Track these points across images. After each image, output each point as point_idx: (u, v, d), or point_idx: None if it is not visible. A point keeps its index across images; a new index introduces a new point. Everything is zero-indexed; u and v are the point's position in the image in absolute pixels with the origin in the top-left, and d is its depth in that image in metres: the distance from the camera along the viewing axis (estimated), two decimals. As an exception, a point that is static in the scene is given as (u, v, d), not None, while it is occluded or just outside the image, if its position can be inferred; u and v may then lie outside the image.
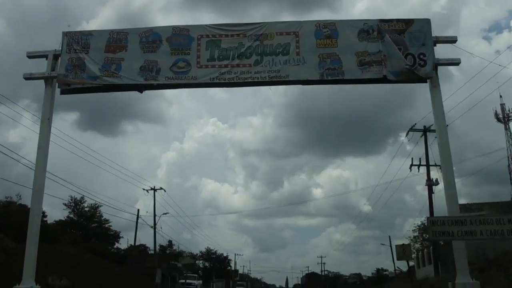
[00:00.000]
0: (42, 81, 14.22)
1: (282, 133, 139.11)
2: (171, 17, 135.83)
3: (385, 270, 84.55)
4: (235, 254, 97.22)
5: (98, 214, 45.79)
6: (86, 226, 44.14)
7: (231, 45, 13.82)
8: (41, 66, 14.25)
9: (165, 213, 46.15)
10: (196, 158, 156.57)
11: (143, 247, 49.67)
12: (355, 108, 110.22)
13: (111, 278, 25.50)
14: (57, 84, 14.11)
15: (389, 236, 68.49)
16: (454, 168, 13.34)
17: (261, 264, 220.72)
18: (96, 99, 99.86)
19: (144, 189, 45.61)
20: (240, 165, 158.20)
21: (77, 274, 22.75)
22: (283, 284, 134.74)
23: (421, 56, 13.37)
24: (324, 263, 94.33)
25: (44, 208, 41.34)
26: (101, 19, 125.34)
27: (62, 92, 14.33)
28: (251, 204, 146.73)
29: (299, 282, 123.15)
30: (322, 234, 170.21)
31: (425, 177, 30.12)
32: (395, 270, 66.53)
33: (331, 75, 13.56)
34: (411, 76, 13.51)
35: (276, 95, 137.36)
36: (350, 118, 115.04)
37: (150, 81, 13.81)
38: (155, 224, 45.64)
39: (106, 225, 46.21)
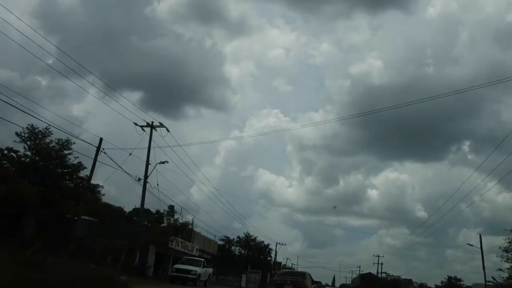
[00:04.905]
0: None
1: (342, 131, 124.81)
2: (242, 6, 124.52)
3: (459, 280, 64.08)
4: (276, 243, 79.17)
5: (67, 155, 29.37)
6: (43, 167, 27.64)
7: None
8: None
9: (163, 162, 28.94)
10: (254, 148, 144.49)
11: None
12: (420, 112, 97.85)
13: None
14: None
15: (480, 235, 48.00)
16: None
17: (309, 259, 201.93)
18: (162, 81, 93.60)
19: (136, 124, 28.70)
20: (297, 159, 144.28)
21: None
22: (329, 282, 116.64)
23: None
24: (381, 264, 74.57)
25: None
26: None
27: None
28: (304, 199, 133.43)
29: (346, 282, 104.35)
30: (373, 236, 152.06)
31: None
32: (486, 280, 46.41)
33: None
34: None
35: (340, 93, 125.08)
36: (414, 122, 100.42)
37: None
38: (146, 176, 28.51)
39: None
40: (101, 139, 24.75)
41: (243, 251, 74.60)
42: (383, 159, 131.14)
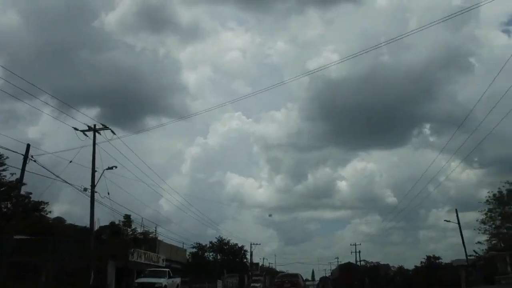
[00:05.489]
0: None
1: (306, 127, 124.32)
2: (192, 11, 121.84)
3: (438, 258, 63.08)
4: (251, 244, 76.61)
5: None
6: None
7: None
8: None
9: (111, 167, 25.86)
10: (220, 153, 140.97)
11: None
12: (379, 99, 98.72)
13: None
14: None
15: (456, 210, 47.02)
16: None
17: (287, 257, 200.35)
18: (118, 95, 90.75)
19: (76, 129, 25.40)
20: (264, 159, 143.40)
21: None
22: (309, 277, 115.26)
23: None
24: (359, 252, 73.13)
25: None
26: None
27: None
28: (276, 198, 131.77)
29: (326, 275, 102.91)
30: (347, 227, 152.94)
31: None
32: (466, 255, 45.33)
33: None
34: None
35: (300, 89, 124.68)
36: (374, 110, 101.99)
37: None
38: (93, 184, 25.32)
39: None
40: (28, 146, 21.40)
41: (217, 256, 71.78)
42: (349, 150, 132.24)
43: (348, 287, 48.63)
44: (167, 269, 28.01)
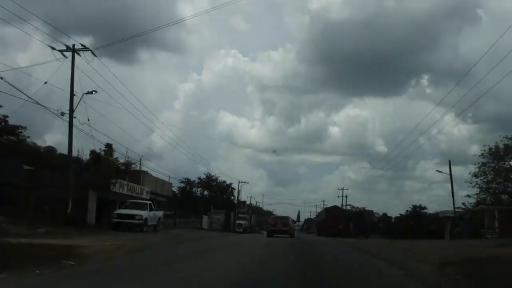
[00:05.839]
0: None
1: (302, 69, 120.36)
2: None
3: (423, 208, 63.37)
4: (239, 182, 76.63)
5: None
6: None
7: None
8: None
9: (91, 92, 24.11)
10: (213, 91, 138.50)
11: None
12: (379, 47, 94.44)
13: None
14: None
15: (449, 161, 46.13)
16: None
17: (274, 197, 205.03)
18: (112, 23, 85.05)
19: (53, 48, 23.32)
20: (258, 100, 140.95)
21: None
22: (295, 218, 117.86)
23: None
24: (346, 196, 73.35)
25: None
26: None
27: None
28: (267, 139, 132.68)
29: (311, 217, 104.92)
30: (336, 172, 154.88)
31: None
32: (454, 206, 45.17)
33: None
34: None
35: (299, 30, 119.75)
36: (373, 57, 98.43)
37: None
38: (71, 109, 23.67)
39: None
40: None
41: (204, 192, 71.98)
42: (343, 95, 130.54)
43: (332, 230, 48.77)
44: (148, 202, 27.19)
